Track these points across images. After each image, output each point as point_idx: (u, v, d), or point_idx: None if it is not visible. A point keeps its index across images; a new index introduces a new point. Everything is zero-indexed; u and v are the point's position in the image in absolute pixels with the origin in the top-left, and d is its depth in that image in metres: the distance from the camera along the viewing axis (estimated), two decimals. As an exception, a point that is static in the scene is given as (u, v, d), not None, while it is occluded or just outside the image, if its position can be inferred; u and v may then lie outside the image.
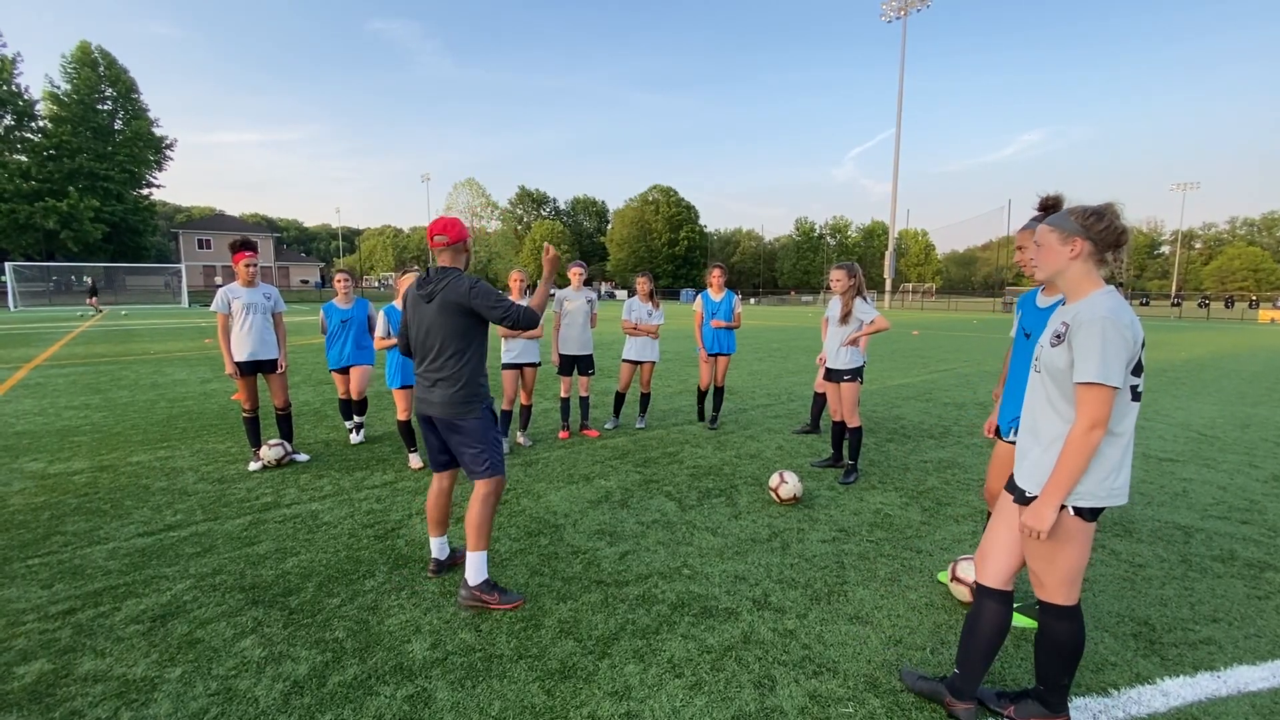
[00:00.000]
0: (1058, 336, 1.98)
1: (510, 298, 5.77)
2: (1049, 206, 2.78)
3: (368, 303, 6.11)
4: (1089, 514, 1.97)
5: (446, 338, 3.04)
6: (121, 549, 3.69)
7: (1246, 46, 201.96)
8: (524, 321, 3.09)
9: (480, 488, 3.12)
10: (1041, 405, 2.05)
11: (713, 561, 3.57)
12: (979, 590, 2.26)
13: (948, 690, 2.30)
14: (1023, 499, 2.07)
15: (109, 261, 45.39)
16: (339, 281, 6.05)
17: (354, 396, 6.05)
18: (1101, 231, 1.95)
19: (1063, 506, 1.96)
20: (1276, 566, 3.58)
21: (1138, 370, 1.92)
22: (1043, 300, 2.86)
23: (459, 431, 3.09)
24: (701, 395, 7.09)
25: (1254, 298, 55.91)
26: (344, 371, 6.04)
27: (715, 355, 6.80)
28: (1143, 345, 1.92)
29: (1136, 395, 1.95)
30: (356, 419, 6.17)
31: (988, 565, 2.23)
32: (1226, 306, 51.33)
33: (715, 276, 6.74)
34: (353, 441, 6.11)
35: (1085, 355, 1.87)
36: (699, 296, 6.88)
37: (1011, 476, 2.19)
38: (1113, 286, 2.00)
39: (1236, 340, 20.77)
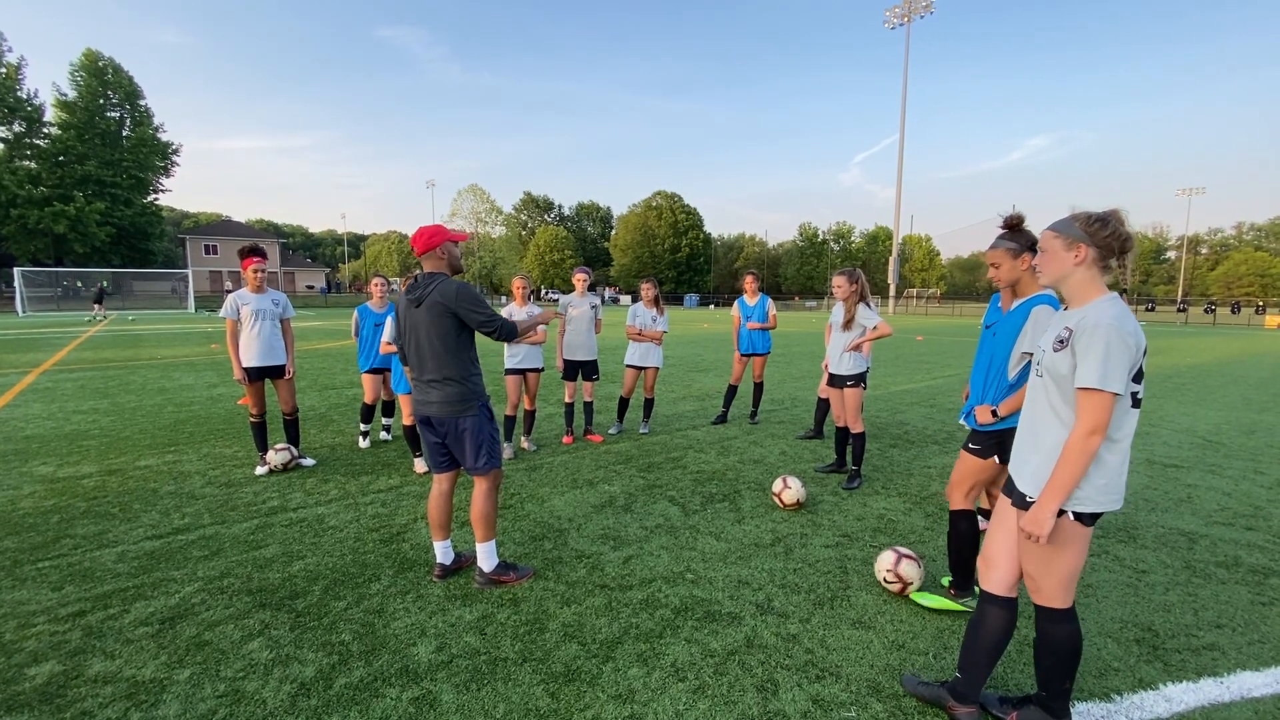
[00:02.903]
0: (1060, 342, 1.98)
1: (514, 303, 5.86)
2: (1012, 225, 2.89)
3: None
4: (1088, 519, 1.98)
5: (438, 339, 3.13)
6: (130, 552, 3.73)
7: (1253, 51, 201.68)
8: (503, 333, 3.20)
9: (481, 483, 3.31)
10: (1043, 410, 2.06)
11: (716, 566, 3.59)
12: (983, 596, 2.27)
13: (950, 694, 2.31)
14: (1023, 503, 2.08)
15: (117, 266, 45.74)
16: (375, 285, 6.16)
17: (387, 398, 6.28)
18: (1106, 238, 1.96)
19: (1061, 511, 1.97)
20: (1281, 573, 3.57)
21: (1138, 377, 1.93)
22: (1010, 304, 2.99)
23: (458, 429, 3.20)
24: (730, 392, 7.41)
25: (1261, 303, 55.59)
26: (376, 374, 6.09)
27: (751, 355, 7.20)
28: (1144, 353, 1.94)
29: (1136, 402, 1.96)
30: (384, 420, 6.42)
31: (992, 573, 2.24)
32: (1233, 312, 51.07)
33: (749, 283, 7.23)
34: (361, 445, 6.17)
35: (1087, 361, 1.87)
36: (736, 302, 7.30)
37: (1010, 480, 2.20)
38: (1116, 293, 2.00)
39: (1243, 346, 20.67)
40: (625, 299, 69.71)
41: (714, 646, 2.78)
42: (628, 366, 6.68)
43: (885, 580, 3.23)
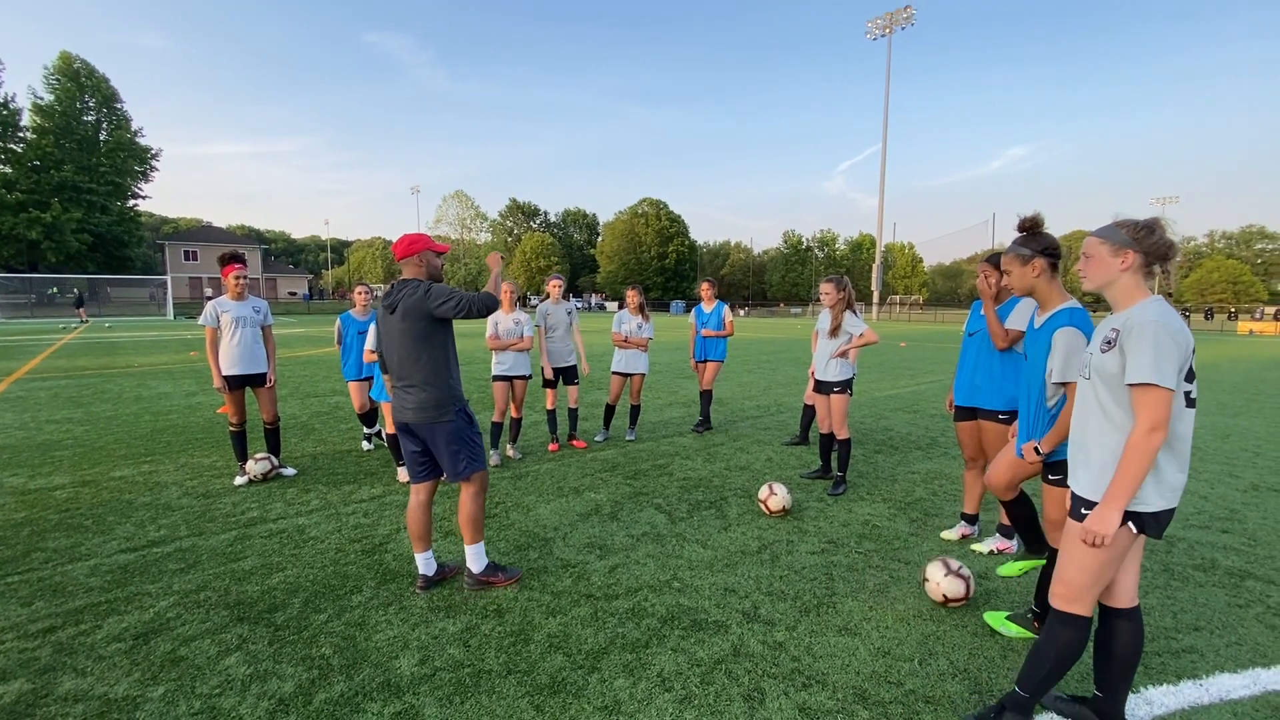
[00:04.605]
0: (1108, 342, 2.00)
1: (501, 310, 5.83)
2: (1027, 227, 2.78)
3: None
4: (1150, 524, 1.97)
5: (412, 344, 3.15)
6: (103, 565, 3.64)
7: (1224, 64, 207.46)
8: (478, 306, 3.16)
9: (466, 487, 3.30)
10: (1093, 411, 2.07)
11: (702, 574, 3.57)
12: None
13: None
14: (1078, 513, 2.08)
15: (93, 273, 44.92)
16: (358, 293, 6.17)
17: (372, 406, 6.25)
18: (1153, 245, 2.00)
19: (1125, 519, 1.96)
20: (1256, 575, 3.63)
21: (1190, 377, 1.95)
22: (1039, 318, 2.81)
23: (436, 435, 3.20)
24: (703, 396, 7.34)
25: (1233, 309, 56.87)
26: (362, 382, 6.06)
27: (705, 361, 7.09)
28: (1193, 351, 1.96)
29: (1190, 401, 1.98)
30: (366, 430, 6.37)
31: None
32: (1206, 318, 52.14)
33: (705, 290, 7.16)
34: (365, 448, 6.29)
35: (1138, 357, 1.89)
36: (693, 310, 7.21)
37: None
38: (1160, 296, 2.04)
39: (1216, 351, 21.12)
40: (611, 305, 69.71)
41: (700, 656, 2.76)
42: (614, 373, 6.67)
43: (936, 600, 3.17)
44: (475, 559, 3.35)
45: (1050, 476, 2.77)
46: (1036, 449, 2.75)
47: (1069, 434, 2.21)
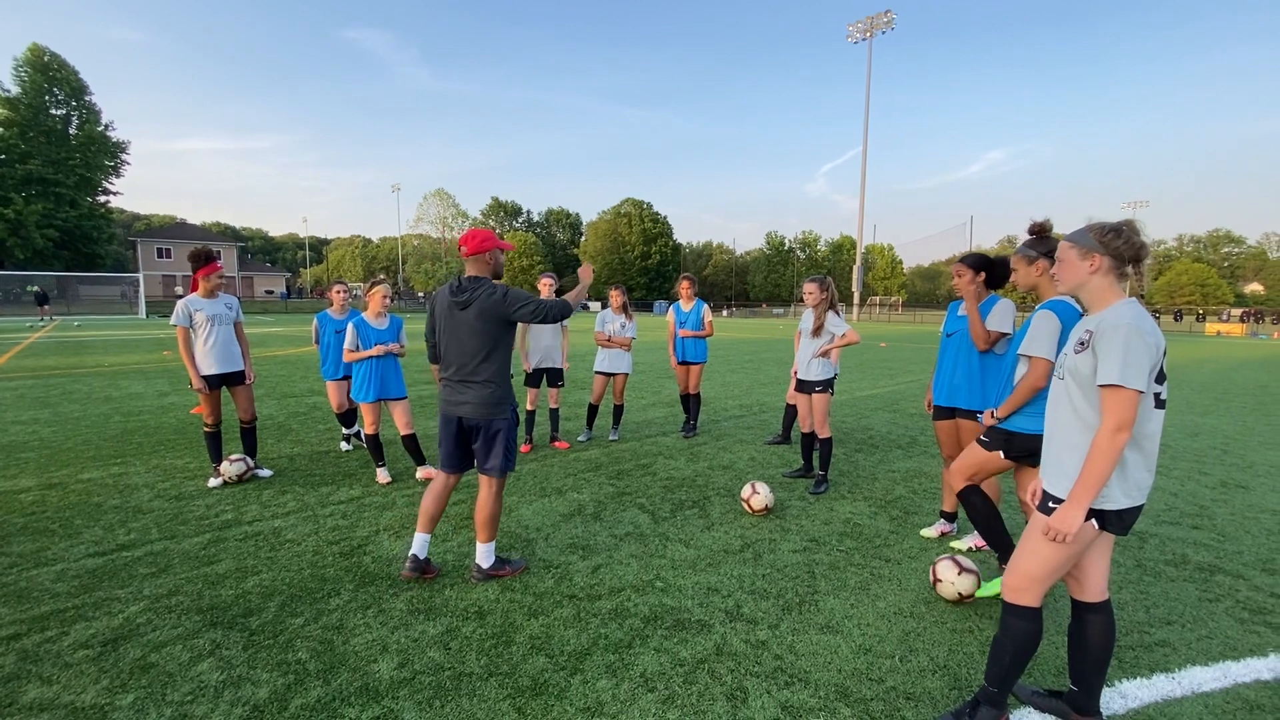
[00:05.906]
0: (1081, 344, 2.04)
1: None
2: (1037, 231, 2.99)
3: (401, 320, 5.40)
4: (1114, 521, 2.01)
5: (484, 343, 3.25)
6: (70, 570, 3.53)
7: (1196, 71, 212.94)
8: (555, 312, 3.31)
9: (494, 484, 3.39)
10: (1064, 412, 2.10)
11: (685, 573, 3.57)
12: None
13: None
14: (1045, 507, 2.10)
15: (62, 270, 43.70)
16: (336, 292, 6.07)
17: (351, 406, 6.17)
18: (1119, 247, 2.04)
19: (1089, 515, 2.00)
20: (1225, 570, 3.72)
21: (1160, 378, 1.99)
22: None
23: (491, 431, 3.31)
24: (684, 400, 7.14)
25: (1201, 311, 58.36)
26: (342, 381, 5.95)
27: (687, 364, 6.91)
28: (1164, 353, 2.00)
29: (1160, 402, 2.01)
30: (344, 430, 6.28)
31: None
32: (1176, 320, 53.48)
33: (685, 288, 6.97)
34: (343, 449, 6.21)
35: (1108, 359, 1.92)
36: (671, 308, 7.01)
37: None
38: (1134, 298, 2.07)
39: (1185, 352, 21.65)
40: (594, 305, 69.60)
41: (683, 655, 2.76)
42: (597, 373, 6.64)
43: (950, 599, 3.22)
44: (486, 555, 3.44)
45: (981, 438, 3.10)
46: (993, 413, 2.99)
47: (1045, 432, 2.24)
